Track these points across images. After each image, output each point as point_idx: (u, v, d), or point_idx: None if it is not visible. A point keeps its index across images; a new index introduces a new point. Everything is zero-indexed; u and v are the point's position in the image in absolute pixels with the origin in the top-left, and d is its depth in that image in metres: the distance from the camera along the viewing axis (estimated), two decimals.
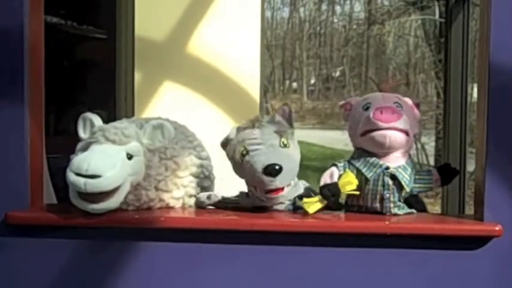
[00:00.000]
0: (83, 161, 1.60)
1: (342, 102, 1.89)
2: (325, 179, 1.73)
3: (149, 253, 1.69)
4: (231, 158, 1.75)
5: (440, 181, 1.80)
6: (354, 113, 1.81)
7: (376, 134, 1.70)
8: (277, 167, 1.63)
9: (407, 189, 1.73)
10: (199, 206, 1.81)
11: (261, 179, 1.65)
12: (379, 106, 1.72)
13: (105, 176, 1.59)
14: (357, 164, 1.73)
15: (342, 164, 1.75)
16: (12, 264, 1.72)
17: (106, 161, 1.61)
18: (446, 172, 1.82)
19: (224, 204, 1.79)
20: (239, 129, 1.76)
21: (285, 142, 1.72)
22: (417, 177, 1.76)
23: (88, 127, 1.73)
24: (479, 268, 1.63)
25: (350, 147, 1.83)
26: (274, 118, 1.76)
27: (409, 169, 1.74)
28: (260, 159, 1.66)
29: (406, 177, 1.72)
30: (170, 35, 3.89)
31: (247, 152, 1.69)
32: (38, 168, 1.80)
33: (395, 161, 1.73)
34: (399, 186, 1.72)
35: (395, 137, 1.70)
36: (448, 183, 1.84)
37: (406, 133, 1.71)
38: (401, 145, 1.72)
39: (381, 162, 1.72)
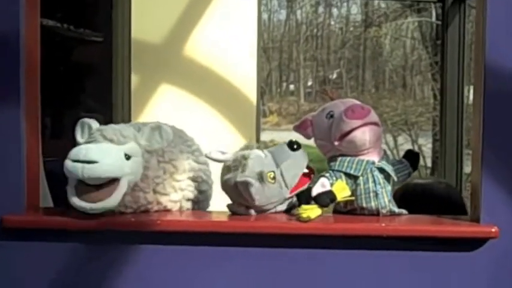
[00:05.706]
0: (80, 149, 1.64)
1: (297, 123, 1.90)
2: (317, 189, 1.70)
3: (146, 256, 1.69)
4: (255, 193, 1.69)
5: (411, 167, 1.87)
6: (318, 126, 1.82)
7: (355, 133, 1.70)
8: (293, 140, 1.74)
9: (396, 179, 1.75)
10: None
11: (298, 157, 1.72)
12: (347, 107, 1.73)
13: (101, 162, 1.61)
14: (343, 169, 1.73)
15: (328, 174, 1.74)
16: (7, 268, 1.71)
17: (103, 150, 1.64)
18: (411, 158, 1.88)
19: None
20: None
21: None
22: (394, 167, 1.79)
23: (86, 132, 1.73)
24: (476, 270, 1.63)
25: None
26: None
27: (389, 160, 1.78)
28: (282, 158, 1.72)
29: (391, 168, 1.75)
30: (167, 38, 3.89)
31: (274, 172, 1.70)
32: (34, 172, 1.79)
33: (377, 155, 1.75)
34: (387, 179, 1.73)
35: (374, 131, 1.72)
36: (416, 168, 1.89)
37: (379, 125, 1.74)
38: (379, 137, 1.75)
39: (366, 158, 1.72)
